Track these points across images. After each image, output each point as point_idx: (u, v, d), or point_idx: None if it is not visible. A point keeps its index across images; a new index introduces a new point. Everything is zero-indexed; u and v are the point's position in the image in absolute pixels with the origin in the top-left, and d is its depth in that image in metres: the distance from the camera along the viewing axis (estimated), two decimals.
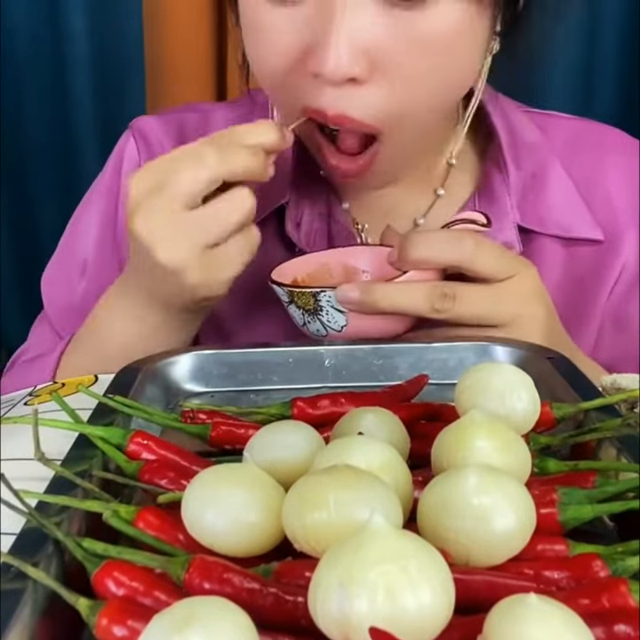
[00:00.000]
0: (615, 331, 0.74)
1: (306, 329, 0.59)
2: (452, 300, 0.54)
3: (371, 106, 0.56)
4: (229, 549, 0.32)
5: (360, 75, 0.54)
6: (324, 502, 0.30)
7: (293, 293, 0.57)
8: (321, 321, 0.57)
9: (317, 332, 0.58)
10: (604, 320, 0.74)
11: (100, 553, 0.31)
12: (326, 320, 0.57)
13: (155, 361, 0.52)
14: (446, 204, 0.73)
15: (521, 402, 0.40)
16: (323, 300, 0.55)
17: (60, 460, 0.38)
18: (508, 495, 0.31)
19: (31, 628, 0.28)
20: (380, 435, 0.38)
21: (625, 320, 0.74)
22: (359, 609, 0.25)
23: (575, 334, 0.66)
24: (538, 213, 0.71)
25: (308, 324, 0.58)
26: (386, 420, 0.40)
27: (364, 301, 0.54)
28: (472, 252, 0.54)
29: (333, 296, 0.55)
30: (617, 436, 0.39)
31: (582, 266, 0.73)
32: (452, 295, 0.54)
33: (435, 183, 0.73)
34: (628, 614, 0.28)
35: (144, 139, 0.77)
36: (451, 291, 0.54)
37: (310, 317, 0.57)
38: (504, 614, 0.25)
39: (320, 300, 0.56)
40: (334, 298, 0.55)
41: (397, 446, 0.37)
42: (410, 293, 0.54)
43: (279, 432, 0.39)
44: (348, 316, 0.56)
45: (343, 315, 0.56)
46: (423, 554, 0.26)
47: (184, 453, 0.40)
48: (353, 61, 0.53)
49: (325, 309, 0.56)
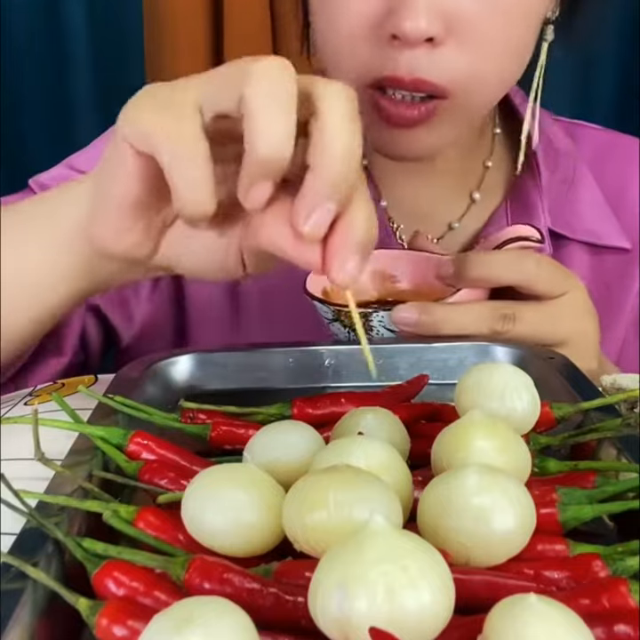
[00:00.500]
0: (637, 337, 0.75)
1: None
2: (513, 320, 0.53)
3: (446, 68, 0.58)
4: (229, 549, 0.32)
5: (438, 35, 0.56)
6: (324, 502, 0.30)
7: (341, 313, 0.54)
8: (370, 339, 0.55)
9: None
10: (628, 329, 0.75)
11: (100, 553, 0.31)
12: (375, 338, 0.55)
13: (155, 361, 0.52)
14: (479, 208, 0.73)
15: (521, 402, 0.40)
16: (374, 320, 0.53)
17: (60, 460, 0.38)
18: (508, 495, 0.31)
19: (31, 628, 0.28)
20: (380, 435, 0.38)
21: None
22: (359, 609, 0.25)
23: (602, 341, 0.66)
24: (568, 219, 0.72)
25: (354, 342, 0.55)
26: (386, 420, 0.40)
27: (423, 323, 0.53)
28: (534, 272, 0.54)
29: (387, 316, 0.53)
30: (617, 436, 0.39)
31: (609, 273, 0.74)
32: (512, 316, 0.53)
33: (471, 186, 0.73)
34: (628, 614, 0.28)
35: None
36: (511, 311, 0.53)
37: None
38: (504, 614, 0.25)
39: (372, 320, 0.53)
40: (387, 318, 0.53)
41: (397, 446, 0.37)
42: (471, 315, 0.53)
43: (279, 432, 0.39)
44: (398, 335, 0.54)
45: (394, 333, 0.54)
46: (423, 554, 0.26)
47: (184, 453, 0.40)
48: (431, 21, 0.55)
49: (376, 329, 0.54)
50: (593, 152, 0.76)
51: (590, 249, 0.73)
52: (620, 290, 0.74)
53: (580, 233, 0.73)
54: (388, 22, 0.56)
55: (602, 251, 0.73)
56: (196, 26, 1.16)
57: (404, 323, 0.53)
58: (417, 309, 0.53)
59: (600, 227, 0.73)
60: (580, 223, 0.73)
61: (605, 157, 0.77)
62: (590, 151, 0.76)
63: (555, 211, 0.72)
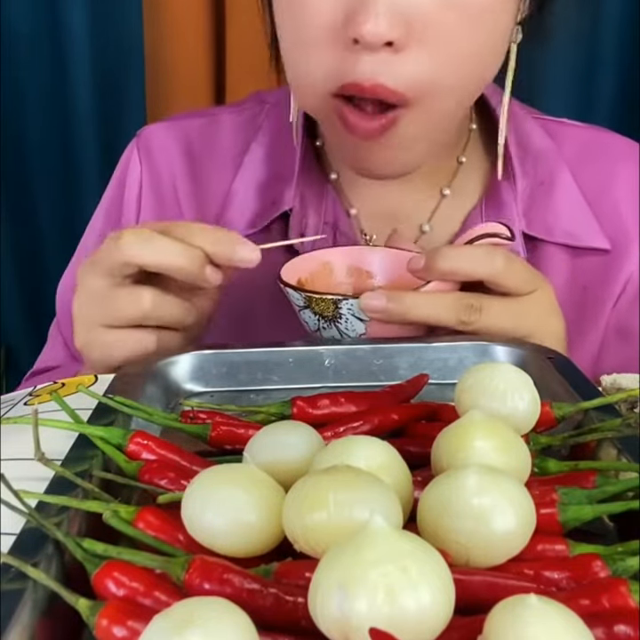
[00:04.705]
0: (619, 341, 0.74)
1: (319, 334, 0.57)
2: (479, 312, 0.54)
3: (407, 74, 0.56)
4: (229, 550, 0.32)
5: (398, 39, 0.54)
6: (324, 502, 0.30)
7: (312, 299, 0.55)
8: (338, 328, 0.56)
9: (332, 338, 0.56)
10: (608, 330, 0.74)
11: (100, 553, 0.31)
12: (344, 327, 0.55)
13: (155, 361, 0.52)
14: (454, 208, 0.73)
15: (522, 402, 0.40)
16: (344, 307, 0.54)
17: (60, 460, 0.38)
18: (508, 495, 0.31)
19: (31, 629, 0.28)
20: None
21: (629, 331, 0.74)
22: (359, 609, 0.25)
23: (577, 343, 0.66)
24: (544, 221, 0.71)
25: (322, 330, 0.57)
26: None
27: (391, 310, 0.53)
28: (503, 267, 0.54)
29: (356, 304, 0.54)
30: (617, 436, 0.39)
31: (588, 275, 0.73)
32: (479, 307, 0.54)
33: (443, 181, 0.73)
34: (628, 615, 0.28)
35: (148, 150, 0.77)
36: (477, 302, 0.54)
37: (326, 324, 0.56)
38: (504, 615, 0.25)
39: (341, 307, 0.54)
40: (357, 306, 0.54)
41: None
42: (438, 304, 0.54)
43: (279, 432, 0.38)
44: (368, 325, 0.55)
45: (363, 323, 0.54)
46: (423, 554, 0.26)
47: (184, 453, 0.40)
48: (391, 25, 0.54)
49: (345, 317, 0.54)
50: (575, 151, 0.75)
51: (568, 251, 0.72)
52: (600, 291, 0.73)
53: (557, 235, 0.72)
54: (348, 27, 0.55)
55: (580, 252, 0.72)
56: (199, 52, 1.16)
57: (371, 309, 0.53)
58: (384, 296, 0.53)
59: (578, 228, 0.72)
60: (558, 225, 0.72)
61: (588, 156, 0.75)
62: (572, 150, 0.75)
63: (530, 214, 0.71)
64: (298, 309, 0.57)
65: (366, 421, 0.43)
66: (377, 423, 0.43)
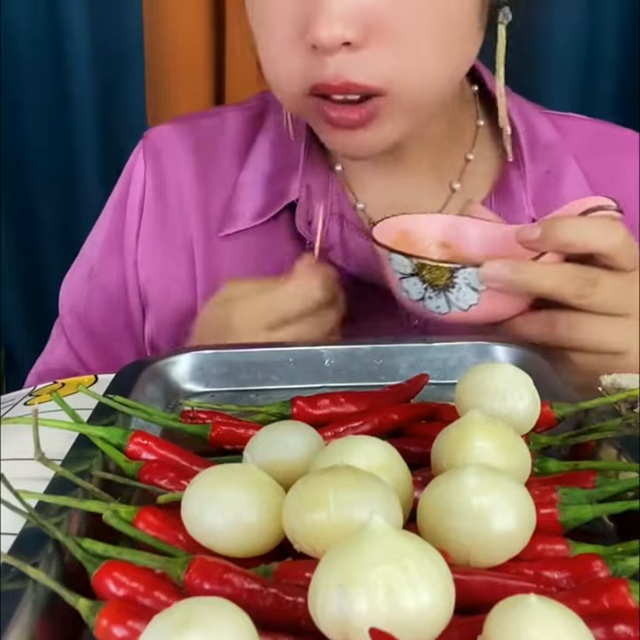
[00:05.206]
0: None
1: (421, 304, 0.54)
2: (594, 286, 0.52)
3: (372, 69, 0.57)
4: (229, 550, 0.32)
5: (354, 39, 0.55)
6: (324, 502, 0.30)
7: (424, 266, 0.52)
8: (447, 298, 0.52)
9: (437, 308, 0.53)
10: None
11: (100, 553, 0.31)
12: (454, 297, 0.52)
13: (155, 361, 0.52)
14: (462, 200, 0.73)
15: (522, 402, 0.40)
16: (460, 276, 0.51)
17: (60, 460, 0.38)
18: (508, 495, 0.31)
19: (31, 629, 0.28)
20: None
21: None
22: (359, 609, 0.25)
23: None
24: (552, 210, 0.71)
25: (427, 300, 0.53)
26: None
27: (515, 280, 0.51)
28: (621, 242, 0.52)
29: (474, 273, 0.51)
30: (617, 436, 0.39)
31: None
32: (595, 281, 0.52)
33: (450, 179, 0.73)
34: (628, 614, 0.28)
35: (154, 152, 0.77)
36: (593, 276, 0.52)
37: (435, 293, 0.53)
38: (504, 615, 0.25)
39: (457, 276, 0.51)
40: (474, 275, 0.51)
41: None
42: (562, 275, 0.52)
43: (279, 432, 0.39)
44: (481, 295, 0.52)
45: (477, 293, 0.52)
46: (423, 554, 0.26)
47: (184, 453, 0.40)
48: (347, 27, 0.54)
49: (458, 286, 0.52)
50: (581, 143, 0.75)
51: None
52: None
53: None
54: (306, 33, 0.56)
55: None
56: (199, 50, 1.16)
57: (495, 279, 0.51)
58: (509, 266, 0.51)
59: None
60: None
61: (593, 148, 0.75)
62: (578, 143, 0.75)
63: (539, 202, 0.71)
64: (400, 277, 0.54)
65: (366, 421, 0.43)
66: (377, 423, 0.43)
